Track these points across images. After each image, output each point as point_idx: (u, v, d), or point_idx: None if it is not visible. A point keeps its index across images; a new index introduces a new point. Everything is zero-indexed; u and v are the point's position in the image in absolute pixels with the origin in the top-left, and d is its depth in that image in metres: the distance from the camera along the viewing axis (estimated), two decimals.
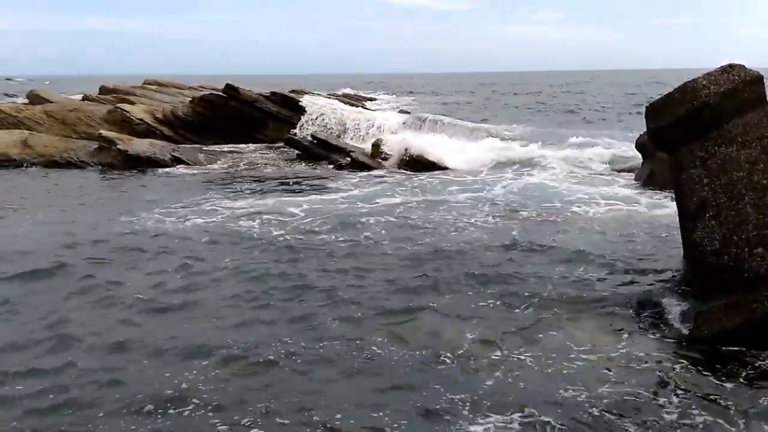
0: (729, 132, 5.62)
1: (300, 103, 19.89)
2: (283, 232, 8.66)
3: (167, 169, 14.97)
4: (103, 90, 32.90)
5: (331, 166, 15.63)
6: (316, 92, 37.25)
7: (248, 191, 12.05)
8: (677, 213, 6.15)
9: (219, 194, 11.62)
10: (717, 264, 5.56)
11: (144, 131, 18.96)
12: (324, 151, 16.68)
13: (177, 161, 15.59)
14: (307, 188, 12.35)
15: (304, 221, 9.26)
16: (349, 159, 15.67)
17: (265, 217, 9.52)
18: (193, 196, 11.42)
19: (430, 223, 9.16)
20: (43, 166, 15.69)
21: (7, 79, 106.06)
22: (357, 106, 26.81)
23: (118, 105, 20.86)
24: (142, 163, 15.30)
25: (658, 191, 10.10)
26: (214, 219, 9.50)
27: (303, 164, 16.13)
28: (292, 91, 26.42)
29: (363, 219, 9.35)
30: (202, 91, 32.29)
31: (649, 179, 10.23)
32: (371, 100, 42.59)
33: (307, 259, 7.44)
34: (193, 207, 10.35)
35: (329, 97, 27.09)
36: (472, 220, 9.26)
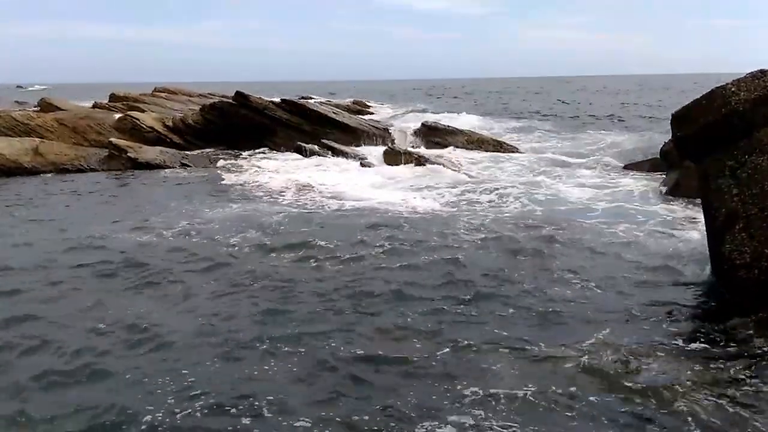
0: (759, 141, 5.45)
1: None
2: (266, 242, 8.38)
3: (166, 172, 14.86)
4: (113, 97, 33.12)
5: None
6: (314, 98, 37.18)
7: (242, 198, 11.88)
8: (704, 225, 5.96)
9: (209, 201, 11.38)
10: (747, 278, 5.38)
11: (154, 139, 18.93)
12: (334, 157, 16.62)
13: (185, 168, 15.52)
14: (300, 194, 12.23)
15: (283, 227, 9.15)
16: (359, 164, 15.62)
17: (244, 224, 9.26)
18: (188, 204, 11.16)
19: (428, 228, 8.86)
20: (54, 174, 15.65)
21: (18, 86, 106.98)
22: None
23: (128, 113, 20.85)
24: (152, 171, 15.23)
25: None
26: (183, 229, 9.16)
27: (308, 171, 15.89)
28: (301, 98, 26.37)
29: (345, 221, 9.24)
30: (211, 98, 32.38)
31: (674, 190, 9.99)
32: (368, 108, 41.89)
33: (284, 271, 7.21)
34: (180, 215, 10.14)
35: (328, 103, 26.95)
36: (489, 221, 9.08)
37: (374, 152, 16.72)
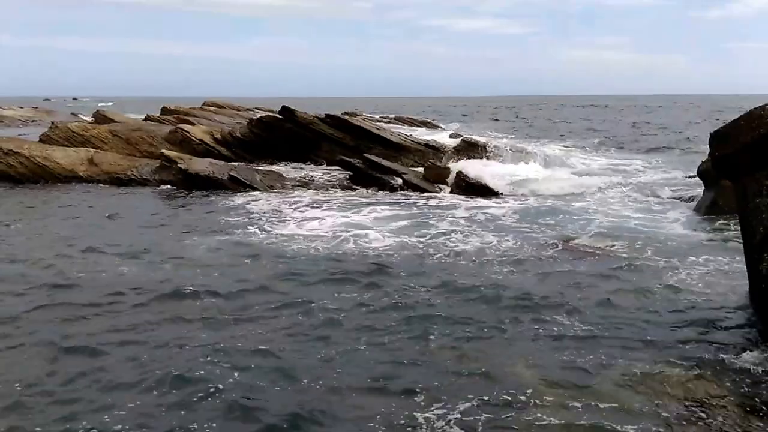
0: None
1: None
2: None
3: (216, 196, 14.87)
4: (164, 111, 34.27)
5: (381, 189, 15.48)
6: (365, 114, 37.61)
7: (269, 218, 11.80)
8: (742, 243, 5.98)
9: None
10: None
11: (203, 151, 19.58)
12: (376, 173, 16.72)
13: (234, 180, 15.91)
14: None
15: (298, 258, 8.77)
16: (401, 181, 15.69)
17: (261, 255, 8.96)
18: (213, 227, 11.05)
19: (458, 253, 8.93)
20: (108, 183, 16.31)
21: (74, 98, 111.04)
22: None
23: (179, 125, 21.62)
24: (201, 182, 15.66)
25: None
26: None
27: (344, 187, 15.97)
28: (345, 113, 26.78)
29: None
30: (258, 112, 33.16)
31: (711, 209, 9.91)
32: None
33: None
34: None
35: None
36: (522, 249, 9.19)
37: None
